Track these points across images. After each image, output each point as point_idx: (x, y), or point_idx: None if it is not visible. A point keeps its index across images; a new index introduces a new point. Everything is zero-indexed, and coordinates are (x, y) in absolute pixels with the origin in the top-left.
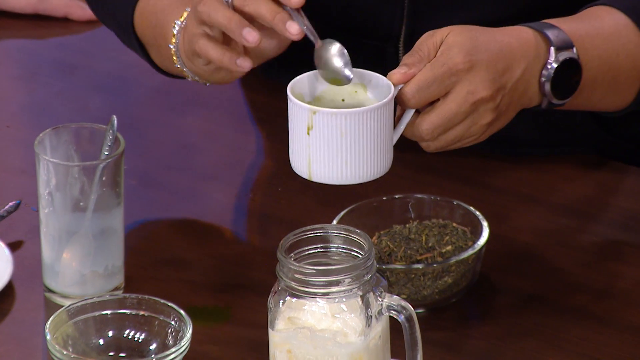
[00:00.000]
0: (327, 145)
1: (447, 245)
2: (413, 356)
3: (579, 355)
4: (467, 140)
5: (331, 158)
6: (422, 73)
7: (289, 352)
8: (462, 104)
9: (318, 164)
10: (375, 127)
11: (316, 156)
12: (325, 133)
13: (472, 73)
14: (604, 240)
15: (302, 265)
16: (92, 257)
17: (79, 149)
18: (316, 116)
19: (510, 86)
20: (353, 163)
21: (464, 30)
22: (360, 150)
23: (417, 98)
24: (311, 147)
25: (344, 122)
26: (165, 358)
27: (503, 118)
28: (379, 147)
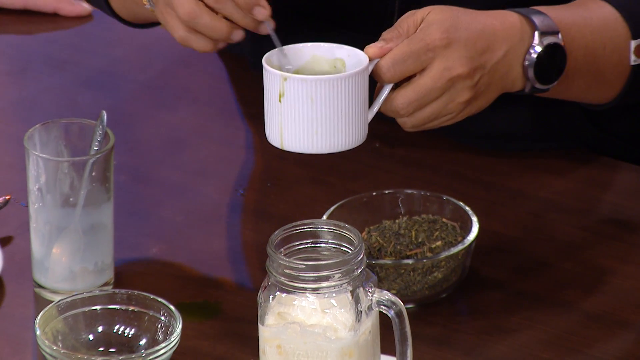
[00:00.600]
0: (298, 112)
1: (436, 240)
2: (403, 351)
3: (569, 350)
4: (444, 119)
5: (302, 126)
6: (398, 47)
7: (278, 347)
8: (438, 80)
9: (289, 132)
10: (346, 96)
11: (287, 124)
12: (295, 100)
13: (449, 50)
14: (594, 236)
15: (291, 260)
16: (82, 253)
17: (68, 145)
18: (287, 82)
19: (490, 66)
20: (324, 132)
21: (445, 9)
22: (331, 118)
23: (392, 72)
24: (283, 115)
25: (314, 88)
26: (155, 353)
27: (482, 98)
28: (351, 118)
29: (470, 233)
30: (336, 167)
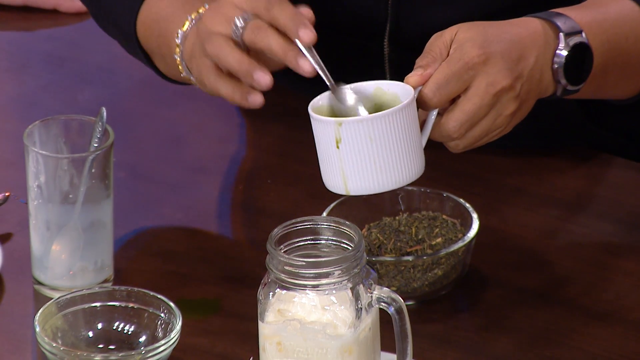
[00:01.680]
0: (359, 154)
1: (437, 237)
2: (403, 348)
3: (569, 348)
4: (494, 134)
5: (365, 167)
6: (439, 71)
7: (278, 344)
8: (484, 97)
9: (353, 176)
10: (402, 129)
11: (349, 168)
12: (354, 142)
13: (489, 65)
14: (594, 232)
15: (291, 257)
16: (82, 250)
17: (68, 141)
18: (343, 127)
19: (527, 74)
20: (386, 168)
21: (472, 26)
22: (391, 154)
23: (438, 97)
24: (343, 160)
25: (372, 127)
26: (154, 350)
27: (524, 107)
28: (409, 150)
29: (471, 230)
30: None
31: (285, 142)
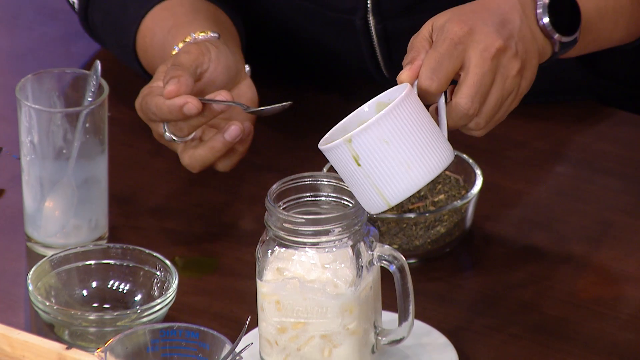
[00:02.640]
0: (381, 161)
1: (439, 193)
2: (405, 307)
3: (575, 307)
4: (509, 101)
5: (393, 171)
6: (427, 58)
7: (277, 303)
8: (484, 64)
9: (387, 186)
10: (411, 120)
11: (380, 180)
12: (371, 151)
13: (475, 34)
14: (601, 189)
15: (291, 214)
16: (75, 207)
17: (61, 95)
18: (354, 141)
19: (517, 33)
20: (414, 163)
21: (445, 12)
22: (412, 148)
23: (436, 80)
24: (371, 175)
25: (380, 129)
26: (150, 309)
27: (528, 66)
28: (428, 138)
29: (474, 186)
30: (338, 118)
31: (288, 98)
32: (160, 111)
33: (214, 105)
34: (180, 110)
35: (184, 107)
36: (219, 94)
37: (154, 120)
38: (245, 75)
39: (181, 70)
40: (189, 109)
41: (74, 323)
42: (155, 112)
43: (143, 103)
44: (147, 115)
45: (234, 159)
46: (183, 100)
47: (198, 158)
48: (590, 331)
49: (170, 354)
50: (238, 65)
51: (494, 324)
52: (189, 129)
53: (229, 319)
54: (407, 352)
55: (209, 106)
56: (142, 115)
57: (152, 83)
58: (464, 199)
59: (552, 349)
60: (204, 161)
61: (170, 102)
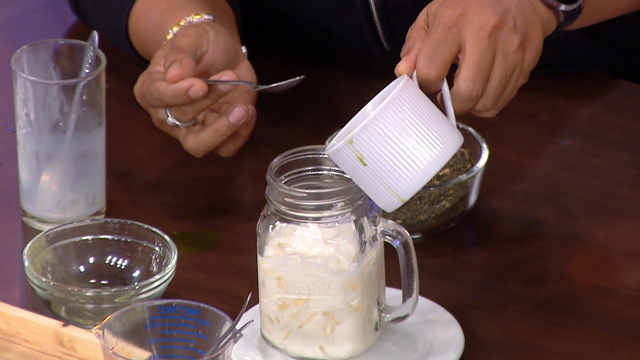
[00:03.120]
0: (387, 157)
1: (444, 167)
2: (409, 283)
3: (584, 283)
4: (514, 78)
5: (400, 166)
6: (423, 45)
7: (278, 279)
8: (481, 43)
9: (397, 182)
10: (411, 111)
11: (388, 176)
12: (375, 149)
13: (468, 15)
14: (609, 162)
15: (292, 188)
16: (72, 181)
17: (58, 67)
18: (355, 141)
19: (514, 7)
20: (420, 155)
21: (433, 2)
22: (416, 139)
23: (434, 67)
24: (378, 173)
25: (380, 125)
26: (149, 285)
27: (530, 39)
28: (432, 126)
29: (480, 160)
30: (339, 91)
31: (290, 73)
32: (164, 96)
33: (219, 85)
34: (186, 94)
35: (189, 90)
36: (225, 74)
37: (156, 107)
38: (243, 57)
39: (182, 54)
40: (195, 91)
41: (71, 300)
42: (159, 97)
43: (143, 89)
44: (149, 101)
45: (237, 143)
46: (188, 83)
47: (202, 142)
48: (599, 308)
49: (169, 331)
50: (236, 47)
51: (500, 301)
52: (194, 112)
53: (229, 295)
54: (411, 330)
55: (215, 87)
56: (142, 101)
57: (151, 68)
58: (469, 172)
59: (559, 326)
60: (209, 145)
61: (175, 86)
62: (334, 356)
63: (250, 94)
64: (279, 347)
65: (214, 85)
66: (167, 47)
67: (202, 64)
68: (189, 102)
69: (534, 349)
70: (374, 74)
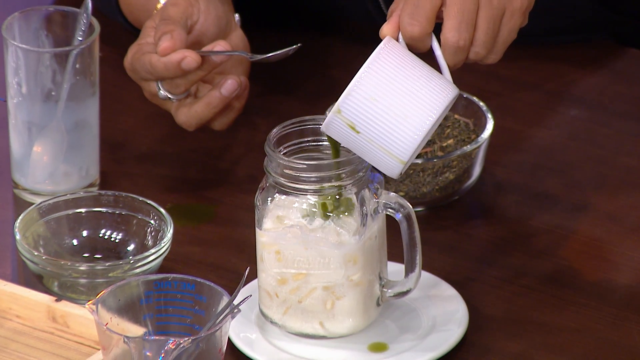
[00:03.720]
0: (378, 120)
1: (448, 138)
2: (412, 257)
3: (590, 257)
4: (507, 18)
5: (394, 127)
6: (405, 4)
7: (277, 253)
8: None
9: (393, 144)
10: (395, 70)
11: (384, 139)
12: (364, 114)
13: None
14: (617, 133)
15: (291, 159)
16: (65, 152)
17: (50, 34)
18: (342, 110)
19: None
20: (412, 112)
21: None
22: (405, 97)
23: (417, 23)
24: (373, 139)
25: (365, 89)
26: (144, 259)
27: None
28: (418, 82)
29: (485, 130)
30: (341, 60)
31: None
32: (156, 69)
33: (212, 56)
34: (179, 66)
35: (182, 62)
36: (218, 44)
37: (147, 79)
38: (236, 25)
39: (172, 24)
40: (188, 63)
41: (64, 274)
42: (150, 70)
43: (134, 62)
44: (139, 74)
45: (230, 115)
46: (180, 55)
47: (194, 115)
48: (606, 283)
49: (165, 306)
50: (228, 15)
51: (505, 275)
52: (186, 84)
53: (227, 269)
54: (414, 305)
55: (208, 58)
56: (132, 74)
57: (140, 40)
58: (473, 143)
59: (566, 301)
60: (201, 118)
61: (166, 58)
62: (335, 332)
63: (243, 65)
64: (277, 322)
65: (206, 56)
66: (157, 18)
67: (193, 34)
68: (182, 74)
69: (540, 324)
70: (373, 43)
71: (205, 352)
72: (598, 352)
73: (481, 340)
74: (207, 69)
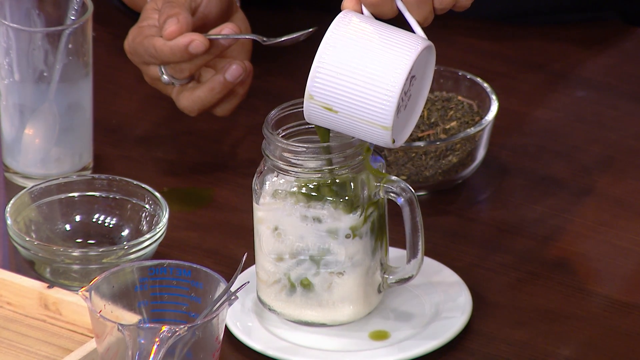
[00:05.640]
0: (349, 92)
1: (451, 120)
2: (414, 243)
3: (598, 242)
4: None
5: (365, 94)
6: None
7: (275, 229)
8: None
9: (371, 111)
10: (353, 40)
11: (361, 110)
12: (334, 90)
13: None
14: (625, 115)
15: (290, 142)
16: (57, 135)
17: (42, 13)
18: (314, 94)
19: None
20: (379, 75)
21: None
22: (368, 63)
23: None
24: (351, 112)
25: (326, 67)
26: (138, 245)
27: None
28: (382, 45)
29: (489, 112)
30: None
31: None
32: (161, 53)
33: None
34: (186, 50)
35: (189, 45)
36: (226, 26)
37: (150, 63)
38: (237, 7)
39: (177, 7)
40: (196, 46)
41: (56, 260)
42: (155, 54)
43: (135, 45)
44: (142, 58)
45: (233, 101)
46: (188, 39)
47: (197, 100)
48: (614, 269)
49: (160, 293)
50: None
51: (509, 261)
52: (192, 69)
53: (224, 255)
54: (416, 292)
55: (216, 42)
56: (133, 58)
57: (142, 22)
58: (477, 126)
59: (573, 288)
60: (203, 103)
61: (173, 42)
62: (335, 319)
63: (245, 48)
64: (276, 310)
65: (213, 39)
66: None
67: (197, 17)
68: (189, 58)
69: (546, 312)
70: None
71: (201, 341)
72: (605, 340)
73: (485, 328)
74: (214, 53)
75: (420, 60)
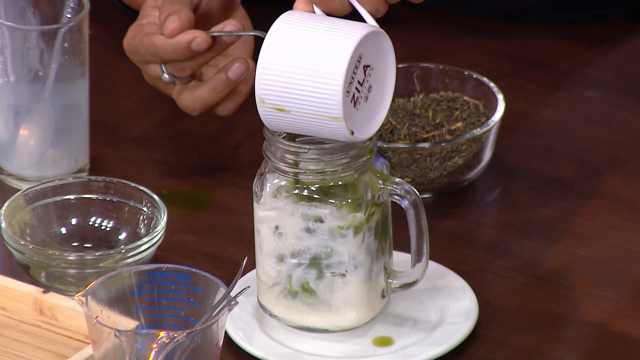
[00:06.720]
0: (294, 88)
1: (457, 121)
2: (419, 247)
3: (608, 246)
4: None
5: (310, 86)
6: None
7: (276, 228)
8: None
9: (319, 104)
10: (293, 37)
11: (310, 104)
12: (279, 90)
13: None
14: (635, 115)
15: (292, 143)
16: (53, 136)
17: (37, 12)
18: (264, 98)
19: None
20: (321, 66)
21: None
22: (308, 57)
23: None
24: (302, 109)
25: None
26: (136, 249)
27: None
28: (323, 37)
29: (495, 113)
30: None
31: None
32: (162, 52)
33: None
34: (188, 48)
35: (191, 43)
36: (228, 23)
37: (150, 62)
38: (238, 4)
39: (178, 4)
40: (199, 44)
41: (52, 264)
42: (155, 53)
43: (135, 43)
44: (142, 57)
45: (236, 100)
46: (190, 36)
47: (199, 99)
48: (624, 273)
49: (159, 298)
50: None
51: (516, 266)
52: (194, 67)
53: (224, 259)
54: (421, 297)
55: (219, 39)
56: (133, 56)
57: (141, 20)
58: (484, 126)
59: (581, 293)
60: (205, 102)
61: (175, 40)
62: (337, 325)
63: (247, 46)
64: (277, 315)
65: (216, 36)
66: None
67: (198, 14)
68: (191, 56)
69: (554, 317)
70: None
71: (200, 347)
72: (614, 347)
73: (492, 334)
74: (217, 50)
75: (367, 46)
